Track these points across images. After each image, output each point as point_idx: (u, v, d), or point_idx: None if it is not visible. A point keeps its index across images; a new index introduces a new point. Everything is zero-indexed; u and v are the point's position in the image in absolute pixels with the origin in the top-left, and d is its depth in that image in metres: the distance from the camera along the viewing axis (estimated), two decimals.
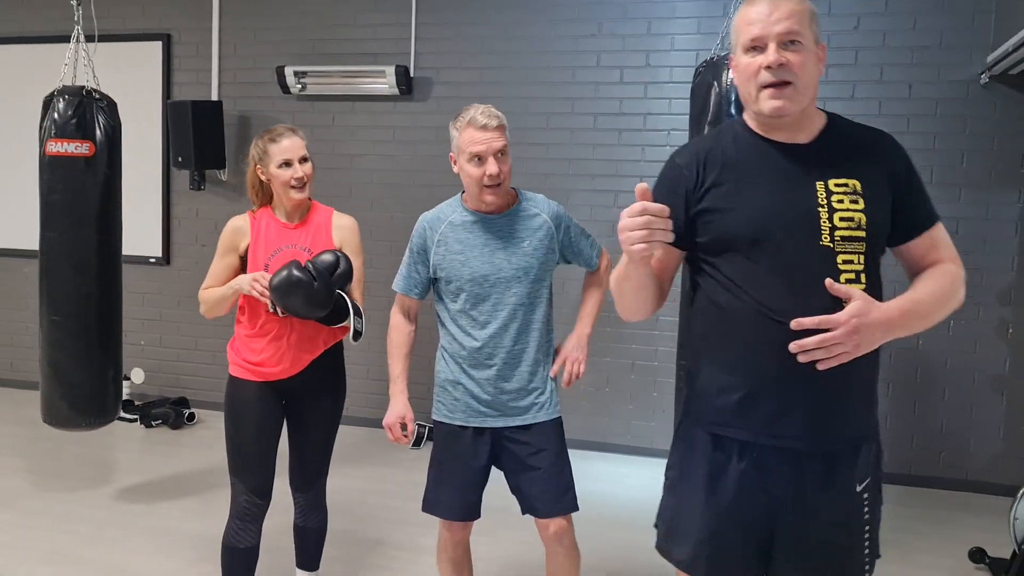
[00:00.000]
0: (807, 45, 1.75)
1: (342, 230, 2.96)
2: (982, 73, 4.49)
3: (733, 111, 3.32)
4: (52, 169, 3.74)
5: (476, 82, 5.29)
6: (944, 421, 4.67)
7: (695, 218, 1.87)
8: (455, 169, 2.61)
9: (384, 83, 5.32)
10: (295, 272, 2.63)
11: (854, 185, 1.76)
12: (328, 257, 2.73)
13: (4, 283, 6.24)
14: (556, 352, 2.71)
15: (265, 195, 2.92)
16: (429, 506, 2.72)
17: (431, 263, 2.65)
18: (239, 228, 2.88)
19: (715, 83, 3.39)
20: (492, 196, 2.52)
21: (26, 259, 5.77)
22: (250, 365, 2.83)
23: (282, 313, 2.75)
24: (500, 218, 2.60)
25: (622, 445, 5.08)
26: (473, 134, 2.50)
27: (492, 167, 2.48)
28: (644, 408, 5.09)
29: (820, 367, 1.68)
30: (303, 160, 2.84)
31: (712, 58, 3.47)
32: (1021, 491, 3.49)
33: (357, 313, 2.82)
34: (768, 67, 1.74)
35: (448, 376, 2.66)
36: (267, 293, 2.67)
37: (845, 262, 1.73)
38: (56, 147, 3.70)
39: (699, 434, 1.91)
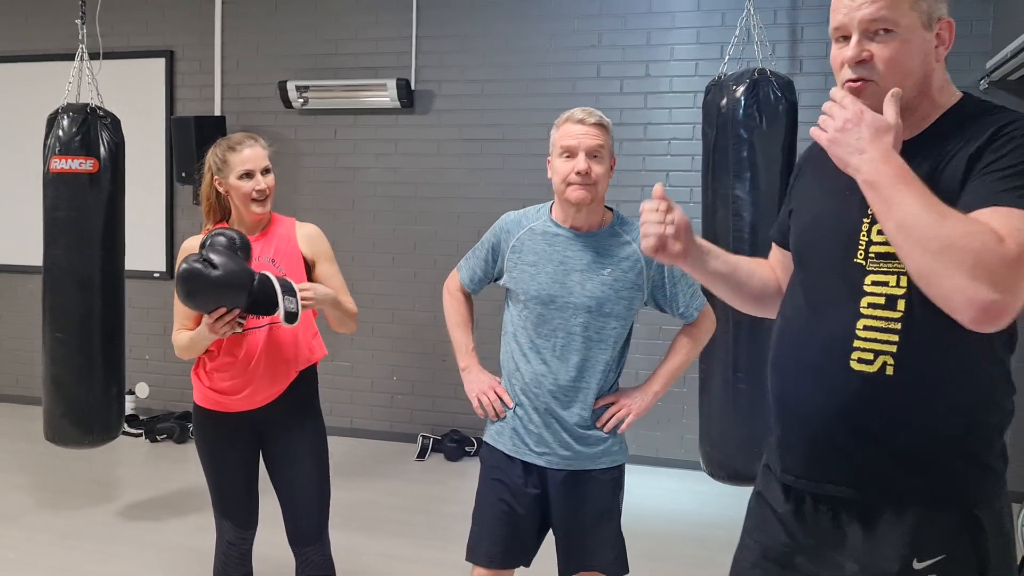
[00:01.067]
0: (904, 31, 1.42)
1: (310, 240, 2.70)
2: (981, 79, 4.50)
3: (741, 131, 3.36)
4: (56, 186, 3.76)
5: (477, 94, 5.32)
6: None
7: (789, 217, 1.72)
8: (549, 174, 2.33)
9: (386, 96, 5.35)
10: (190, 265, 2.28)
11: None
12: (220, 238, 2.38)
13: (9, 299, 6.27)
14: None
15: (221, 210, 2.64)
16: (470, 554, 2.41)
17: (500, 267, 2.43)
18: (194, 249, 2.54)
19: (723, 102, 3.44)
20: (579, 191, 2.22)
21: (30, 275, 5.79)
22: (216, 395, 2.58)
23: (242, 327, 2.44)
24: (586, 236, 2.32)
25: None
26: (569, 128, 2.26)
27: (581, 163, 2.21)
28: (649, 417, 5.07)
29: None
30: (266, 171, 2.57)
31: (720, 77, 3.51)
32: None
33: (288, 291, 2.39)
34: (847, 63, 1.46)
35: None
36: (237, 325, 2.41)
37: (876, 283, 1.45)
38: (60, 164, 3.72)
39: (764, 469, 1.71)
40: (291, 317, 2.39)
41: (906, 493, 1.47)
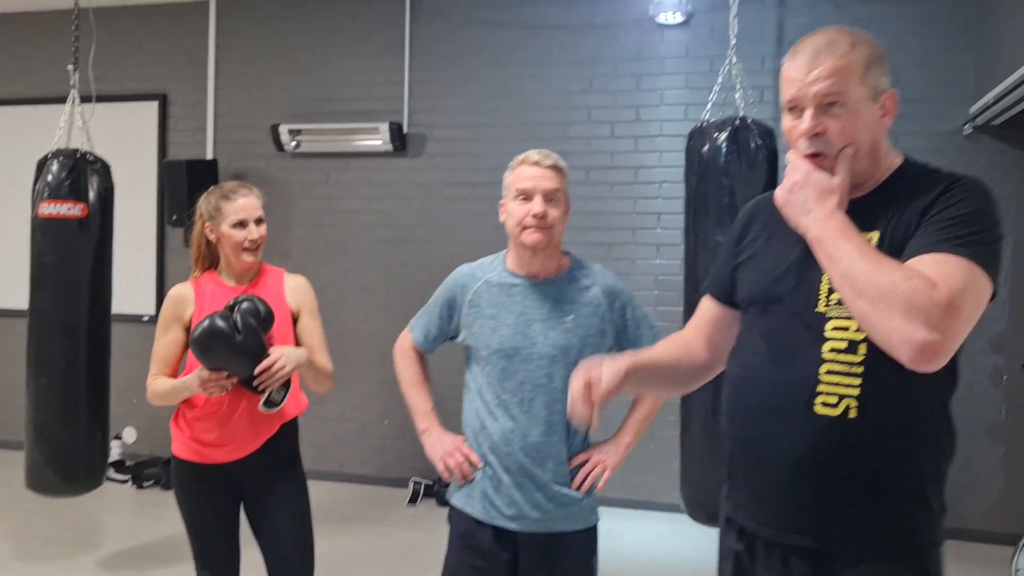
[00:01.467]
0: (854, 104, 1.50)
1: (297, 292, 2.69)
2: (965, 124, 4.56)
3: (723, 176, 3.40)
4: (44, 231, 3.74)
5: (470, 138, 5.36)
6: None
7: (734, 271, 1.76)
8: (502, 218, 2.27)
9: (378, 140, 5.38)
10: (218, 322, 2.35)
11: (871, 238, 1.49)
12: (247, 304, 2.44)
13: None
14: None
15: (211, 257, 2.64)
16: None
17: (456, 324, 2.32)
18: (182, 297, 2.59)
19: (704, 148, 3.49)
20: (535, 235, 2.15)
21: (17, 319, 5.74)
22: (196, 445, 2.56)
23: (230, 387, 2.46)
24: (545, 284, 2.24)
25: (618, 499, 5.01)
26: (524, 170, 2.20)
27: (537, 206, 2.15)
28: (641, 460, 5.05)
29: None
30: (259, 221, 2.58)
31: (702, 123, 3.56)
32: (1022, 540, 3.46)
33: (284, 384, 2.51)
34: (803, 136, 1.53)
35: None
36: (223, 383, 2.41)
37: (836, 328, 1.50)
38: (49, 209, 3.71)
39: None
40: (271, 405, 2.49)
41: (865, 543, 1.50)
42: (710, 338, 1.81)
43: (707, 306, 1.85)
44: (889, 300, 1.34)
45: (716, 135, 3.45)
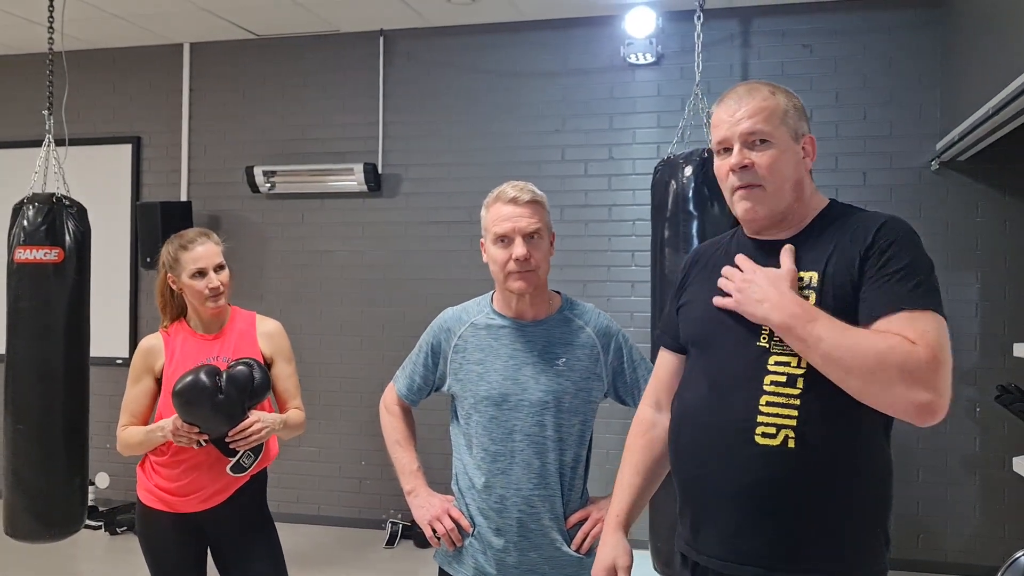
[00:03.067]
0: (778, 142, 1.62)
1: (271, 338, 2.66)
2: (932, 160, 4.65)
3: (691, 208, 3.39)
4: (20, 276, 3.70)
5: (444, 178, 5.39)
6: (920, 502, 4.67)
7: (677, 316, 1.82)
8: (484, 258, 2.14)
9: (353, 180, 5.40)
10: (202, 377, 2.36)
11: (810, 278, 1.58)
12: (243, 369, 2.46)
13: None
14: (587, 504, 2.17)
15: (176, 307, 2.63)
16: None
17: (442, 372, 2.18)
18: (152, 348, 2.59)
19: (672, 181, 3.47)
20: (520, 282, 2.02)
21: None
22: (162, 493, 2.53)
23: (204, 443, 2.46)
24: (534, 325, 2.11)
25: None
26: (500, 210, 2.06)
27: (519, 249, 2.01)
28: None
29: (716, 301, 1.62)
30: (219, 268, 2.55)
31: (669, 156, 3.56)
32: (1000, 573, 3.47)
33: (255, 449, 2.54)
34: (733, 169, 1.65)
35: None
36: (194, 439, 2.41)
37: (779, 363, 1.55)
38: (24, 254, 3.68)
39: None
40: (240, 469, 2.51)
41: (806, 570, 1.53)
42: (672, 394, 1.83)
43: (665, 359, 1.87)
44: (883, 373, 1.42)
45: (684, 167, 3.44)
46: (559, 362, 2.07)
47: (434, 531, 2.12)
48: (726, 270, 1.65)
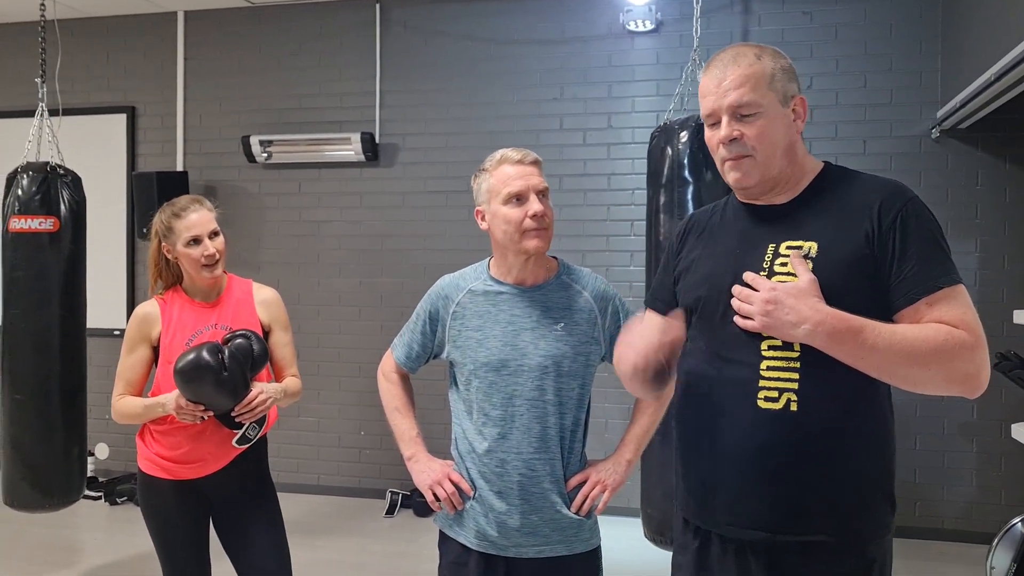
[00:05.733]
0: (767, 110, 1.60)
1: (268, 306, 2.65)
2: (932, 128, 4.63)
3: (687, 174, 3.37)
4: (15, 246, 3.70)
5: (442, 147, 5.36)
6: (917, 470, 4.69)
7: (675, 284, 1.81)
8: (483, 226, 2.13)
9: (350, 150, 5.36)
10: (205, 355, 2.34)
11: (808, 247, 1.57)
12: (242, 342, 2.45)
13: None
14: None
15: (171, 275, 2.59)
16: None
17: (441, 339, 2.17)
18: (148, 315, 2.54)
19: (668, 147, 3.45)
20: (536, 240, 2.03)
21: None
22: (163, 461, 2.52)
23: (205, 418, 2.46)
24: (532, 291, 2.11)
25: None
26: (508, 170, 2.05)
27: (536, 205, 2.02)
28: None
29: (739, 321, 1.56)
30: (214, 235, 2.51)
31: (665, 123, 3.53)
32: (996, 539, 3.50)
33: (259, 420, 2.55)
34: (722, 142, 1.64)
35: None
36: (199, 414, 2.41)
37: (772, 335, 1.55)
38: (19, 224, 3.67)
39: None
40: (245, 441, 2.52)
41: (810, 532, 1.55)
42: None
43: (651, 318, 1.86)
44: (938, 368, 1.46)
45: (680, 133, 3.42)
46: (557, 327, 2.08)
47: (435, 496, 2.12)
48: (739, 291, 1.58)
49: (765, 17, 4.88)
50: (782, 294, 1.50)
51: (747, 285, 1.59)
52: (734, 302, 1.58)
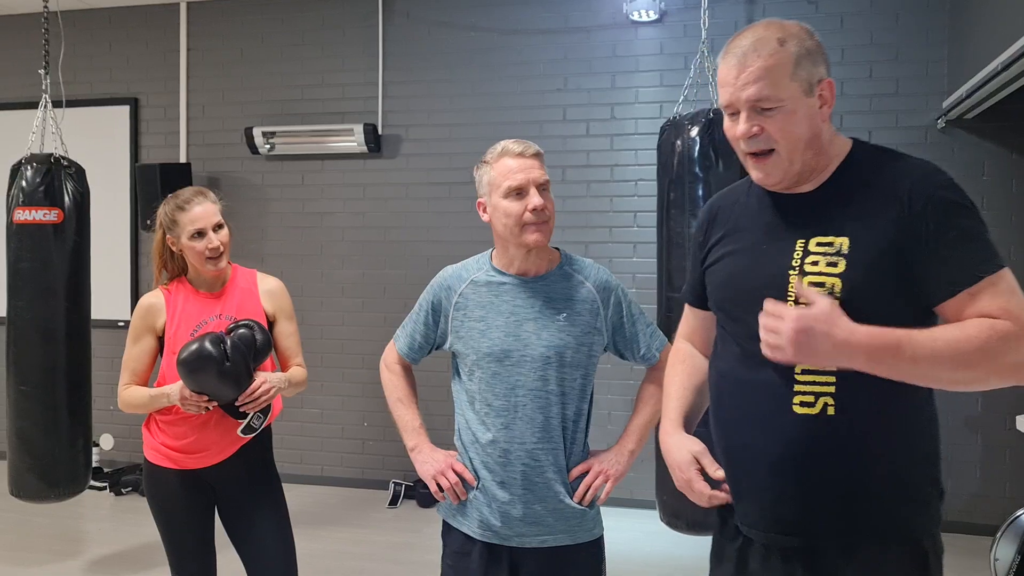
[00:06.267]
0: (788, 103, 1.50)
1: (273, 296, 2.65)
2: (939, 118, 4.60)
3: (697, 169, 3.37)
4: (20, 237, 3.70)
5: (445, 138, 5.34)
6: None
7: (703, 277, 1.76)
8: (485, 217, 2.13)
9: (353, 141, 5.35)
10: (207, 346, 2.35)
11: (840, 244, 1.49)
12: (245, 332, 2.45)
13: None
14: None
15: (176, 266, 2.60)
16: None
17: (443, 330, 2.18)
18: (153, 306, 2.55)
19: (678, 142, 3.45)
20: (537, 234, 2.03)
21: None
22: (169, 451, 2.53)
23: (210, 408, 2.46)
24: (534, 281, 2.11)
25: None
26: (508, 163, 2.05)
27: (536, 199, 2.01)
28: None
29: (767, 352, 1.45)
30: (218, 227, 2.51)
31: (675, 117, 3.53)
32: (1000, 531, 3.50)
33: (264, 409, 2.56)
34: (741, 138, 1.55)
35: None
36: (203, 405, 2.42)
37: None
38: (24, 215, 3.67)
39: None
40: (250, 430, 2.52)
41: (855, 533, 1.50)
42: (707, 341, 1.81)
43: (690, 313, 1.87)
44: (987, 362, 1.38)
45: (690, 128, 3.42)
46: (560, 317, 2.08)
47: (439, 486, 2.13)
48: (764, 322, 1.44)
49: (770, 6, 4.85)
50: (811, 322, 1.38)
51: (772, 283, 1.53)
52: (762, 332, 1.46)
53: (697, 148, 3.39)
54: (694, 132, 3.40)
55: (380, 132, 5.41)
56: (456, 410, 2.19)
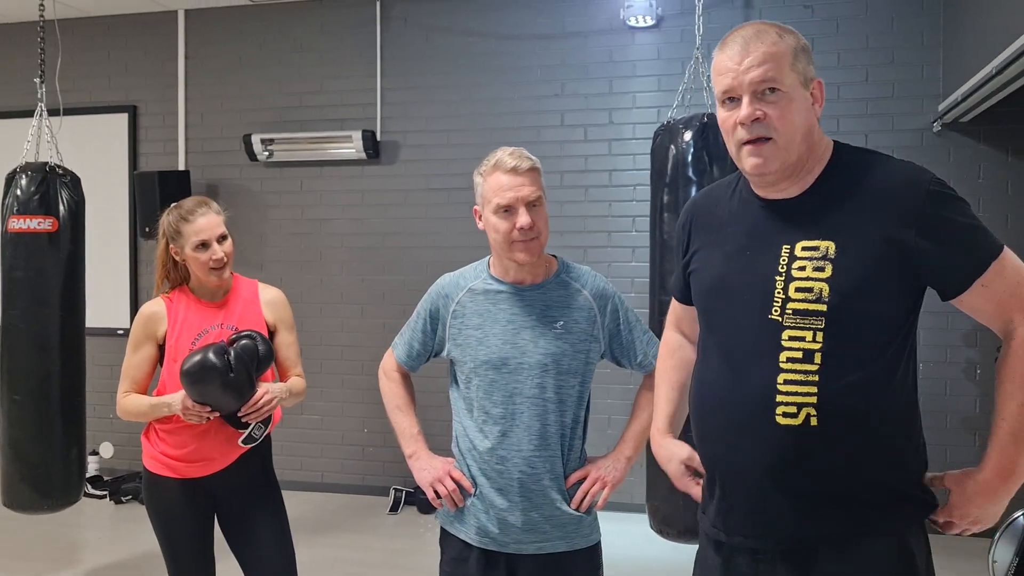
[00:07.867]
0: (789, 91, 1.51)
1: (274, 306, 2.67)
2: (934, 121, 4.61)
3: (691, 173, 3.37)
4: (14, 246, 3.70)
5: (443, 144, 5.35)
6: None
7: (687, 279, 1.76)
8: (480, 225, 2.13)
9: (351, 148, 5.36)
10: (211, 357, 2.36)
11: (826, 248, 1.49)
12: (248, 343, 2.46)
13: None
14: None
15: (179, 275, 2.60)
16: None
17: (441, 338, 2.19)
18: (154, 314, 2.55)
19: (672, 146, 3.45)
20: (525, 253, 2.03)
21: None
22: (168, 460, 2.53)
23: (212, 419, 2.47)
24: (531, 290, 2.11)
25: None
26: (500, 179, 2.03)
27: (523, 218, 2.00)
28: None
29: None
30: (222, 238, 2.52)
31: (669, 121, 3.53)
32: (998, 533, 3.49)
33: (265, 420, 2.56)
34: (743, 123, 1.53)
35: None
36: (205, 415, 2.42)
37: (792, 338, 1.49)
38: (18, 224, 3.67)
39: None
40: (250, 440, 2.53)
41: (841, 538, 1.52)
42: (695, 330, 1.80)
43: (677, 305, 1.89)
44: None
45: (684, 132, 3.41)
46: (557, 325, 2.08)
47: (436, 493, 2.13)
48: (957, 518, 1.58)
49: (766, 11, 4.86)
50: (976, 511, 1.53)
51: (758, 289, 1.55)
52: (954, 529, 1.59)
53: (691, 152, 3.38)
54: (688, 136, 3.40)
55: (378, 138, 5.42)
56: (454, 417, 2.20)
